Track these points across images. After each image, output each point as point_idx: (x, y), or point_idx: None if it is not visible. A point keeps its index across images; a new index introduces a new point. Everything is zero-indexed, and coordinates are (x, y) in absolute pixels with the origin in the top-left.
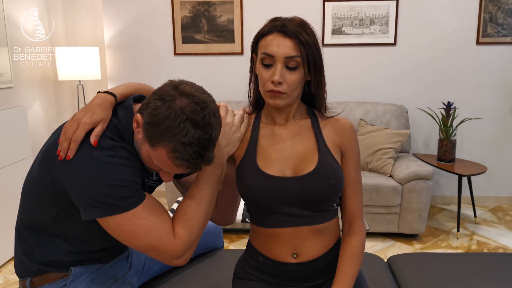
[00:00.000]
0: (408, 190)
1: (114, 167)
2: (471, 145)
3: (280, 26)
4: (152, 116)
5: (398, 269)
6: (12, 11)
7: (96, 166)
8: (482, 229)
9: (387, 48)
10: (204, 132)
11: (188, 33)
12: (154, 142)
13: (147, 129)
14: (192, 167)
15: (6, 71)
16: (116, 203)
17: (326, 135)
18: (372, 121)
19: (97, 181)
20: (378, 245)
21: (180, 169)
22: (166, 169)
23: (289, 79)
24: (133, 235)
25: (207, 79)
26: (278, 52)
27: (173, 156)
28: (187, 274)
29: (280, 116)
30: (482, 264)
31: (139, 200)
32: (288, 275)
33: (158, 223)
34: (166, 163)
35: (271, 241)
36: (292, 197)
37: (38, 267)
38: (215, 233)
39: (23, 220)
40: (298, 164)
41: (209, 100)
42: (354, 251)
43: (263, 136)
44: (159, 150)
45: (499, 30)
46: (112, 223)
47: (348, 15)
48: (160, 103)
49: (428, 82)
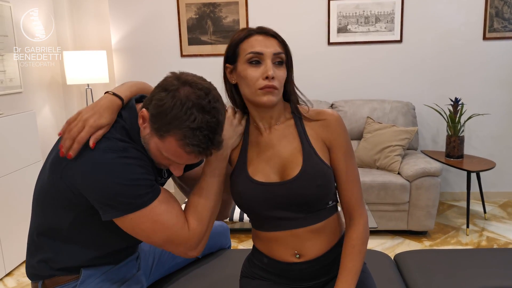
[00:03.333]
0: (416, 187)
1: (129, 167)
2: (479, 141)
3: (257, 29)
4: (158, 107)
5: (405, 266)
6: (19, 19)
7: (111, 168)
8: (492, 225)
9: (393, 45)
10: (211, 116)
11: (194, 35)
12: (163, 133)
13: (154, 121)
14: (203, 152)
15: (15, 76)
16: (133, 202)
17: (310, 133)
18: (379, 118)
19: (113, 183)
20: (387, 243)
21: (191, 156)
22: (177, 160)
23: (279, 75)
24: (150, 231)
25: (214, 80)
26: (265, 49)
27: (184, 144)
28: (195, 274)
29: (263, 121)
30: (489, 259)
31: (154, 195)
32: (293, 275)
33: (173, 218)
34: (176, 152)
35: (272, 244)
36: (282, 202)
37: (51, 272)
38: (222, 233)
39: (38, 228)
40: (284, 168)
41: (212, 87)
42: (355, 243)
43: (252, 143)
44: (169, 140)
45: (506, 25)
46: (129, 221)
47: (353, 13)
48: (164, 94)
49: (435, 78)
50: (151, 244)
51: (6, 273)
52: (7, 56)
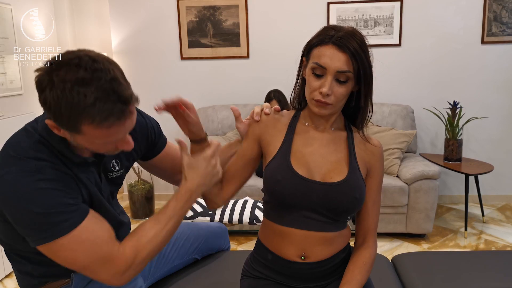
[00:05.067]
0: (415, 190)
1: (41, 193)
2: (478, 144)
3: (335, 38)
4: (51, 110)
5: (403, 268)
6: (20, 21)
7: (21, 195)
8: (490, 228)
9: (392, 49)
10: (97, 80)
11: (194, 38)
12: (75, 128)
13: (60, 123)
14: (121, 116)
15: (16, 78)
16: (49, 230)
17: (357, 151)
18: (378, 121)
19: (24, 210)
20: (386, 245)
21: (116, 128)
22: (109, 139)
23: (337, 92)
24: (70, 260)
25: (214, 83)
26: (330, 65)
27: (98, 124)
28: (194, 275)
29: (320, 121)
30: (487, 262)
31: (74, 223)
32: (295, 274)
33: (95, 246)
34: (101, 134)
35: (281, 239)
36: (316, 202)
37: (39, 280)
38: (220, 234)
39: (4, 244)
40: (328, 171)
41: (82, 52)
42: (367, 261)
43: (299, 136)
44: (85, 130)
45: (504, 29)
46: (49, 250)
47: (352, 17)
48: (44, 96)
49: (434, 82)
50: (76, 270)
51: (5, 274)
52: (7, 58)
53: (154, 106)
